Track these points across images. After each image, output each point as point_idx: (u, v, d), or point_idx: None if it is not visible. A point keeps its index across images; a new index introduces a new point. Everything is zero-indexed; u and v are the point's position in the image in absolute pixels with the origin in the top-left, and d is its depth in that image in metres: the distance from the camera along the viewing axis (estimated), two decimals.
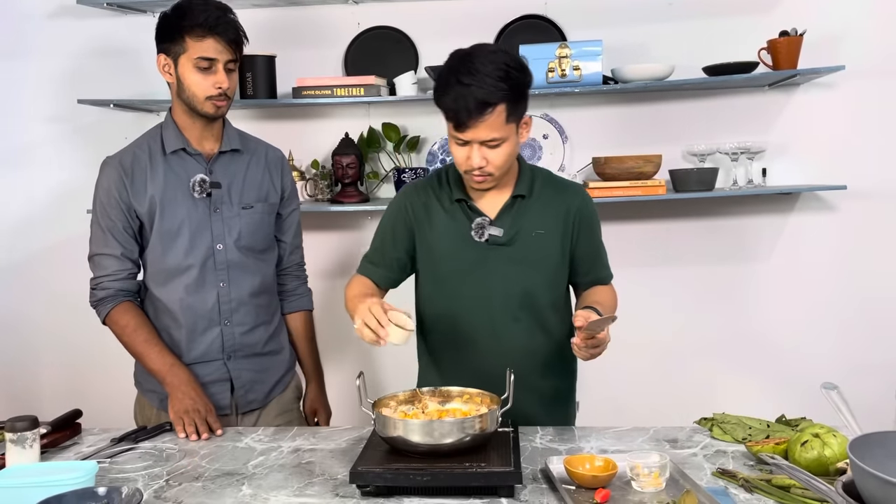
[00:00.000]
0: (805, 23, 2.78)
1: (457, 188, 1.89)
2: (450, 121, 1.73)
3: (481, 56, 1.70)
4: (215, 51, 1.91)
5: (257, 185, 2.08)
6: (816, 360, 2.98)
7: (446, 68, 1.74)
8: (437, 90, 1.74)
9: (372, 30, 3.05)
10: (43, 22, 3.10)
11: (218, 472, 1.61)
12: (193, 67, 1.91)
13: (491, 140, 1.72)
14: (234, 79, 1.98)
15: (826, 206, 2.99)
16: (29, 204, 3.18)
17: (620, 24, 2.96)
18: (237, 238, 2.03)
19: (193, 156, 2.01)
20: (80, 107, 2.93)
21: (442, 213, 1.90)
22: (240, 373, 2.06)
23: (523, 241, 1.87)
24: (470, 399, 1.68)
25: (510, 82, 1.69)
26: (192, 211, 2.00)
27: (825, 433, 1.51)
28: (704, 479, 1.50)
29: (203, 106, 1.94)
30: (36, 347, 3.23)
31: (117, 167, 1.99)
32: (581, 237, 1.91)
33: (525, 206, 1.88)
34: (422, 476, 1.42)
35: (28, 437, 1.58)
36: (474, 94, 1.66)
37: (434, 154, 3.06)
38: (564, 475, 1.48)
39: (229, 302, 2.03)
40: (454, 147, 1.78)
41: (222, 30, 1.91)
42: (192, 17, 1.90)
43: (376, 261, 1.97)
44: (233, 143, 2.06)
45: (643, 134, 2.99)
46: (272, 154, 2.15)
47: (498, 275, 1.87)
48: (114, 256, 1.99)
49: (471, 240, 1.86)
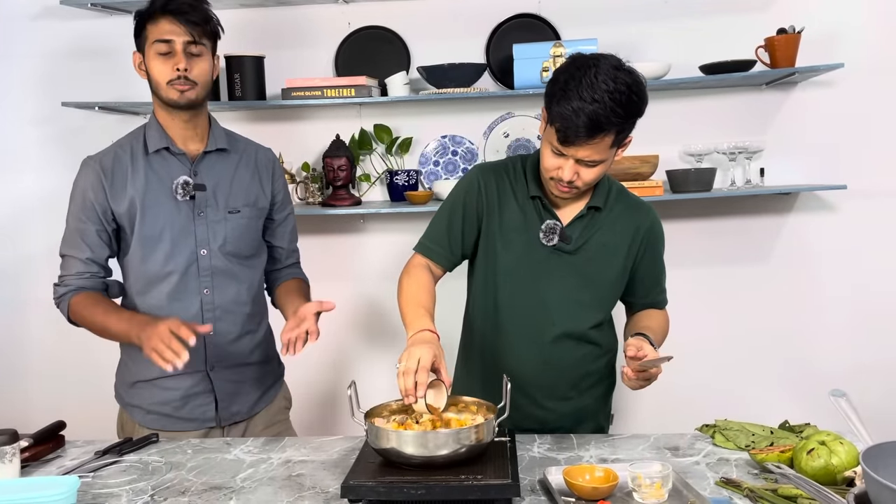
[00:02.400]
0: (803, 20, 2.75)
1: (534, 184, 1.81)
2: (557, 132, 1.62)
3: (605, 71, 1.59)
4: (170, 32, 1.83)
5: (245, 188, 2.00)
6: (817, 363, 2.95)
7: (566, 75, 1.62)
8: (553, 95, 1.62)
9: (363, 30, 3.00)
10: (26, 23, 3.05)
11: (205, 486, 1.56)
12: (155, 54, 1.85)
13: (590, 161, 1.65)
14: (200, 64, 1.88)
15: (825, 205, 2.95)
16: (11, 208, 3.12)
17: (615, 22, 2.92)
18: (222, 244, 1.96)
19: (177, 155, 1.94)
20: (65, 109, 2.87)
21: (514, 205, 1.82)
22: (223, 384, 1.99)
23: (588, 252, 1.81)
24: (465, 408, 1.63)
25: (628, 108, 1.60)
26: (175, 214, 1.92)
27: (832, 441, 1.46)
28: (708, 489, 1.46)
29: (167, 93, 1.86)
30: (19, 356, 3.16)
31: (96, 168, 1.92)
32: (645, 258, 1.88)
33: (597, 219, 1.82)
34: (416, 489, 1.37)
35: (7, 452, 1.52)
36: (589, 115, 1.56)
37: (427, 156, 3.01)
38: (563, 486, 1.44)
39: (213, 310, 1.96)
40: (547, 153, 1.69)
41: (176, 9, 1.84)
42: (152, 4, 1.86)
43: (439, 240, 1.87)
44: (219, 142, 1.99)
45: (640, 134, 2.90)
46: (262, 155, 2.08)
47: (556, 282, 1.81)
48: (79, 259, 1.93)
49: (537, 240, 1.80)
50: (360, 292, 3.08)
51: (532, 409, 1.85)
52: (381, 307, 3.10)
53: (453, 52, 2.89)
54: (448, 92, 2.79)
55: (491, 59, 2.96)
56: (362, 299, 3.09)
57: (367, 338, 3.12)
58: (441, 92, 2.80)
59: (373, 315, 3.11)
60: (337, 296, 3.09)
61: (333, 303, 1.88)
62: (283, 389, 2.16)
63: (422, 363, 1.51)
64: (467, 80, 2.81)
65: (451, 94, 2.79)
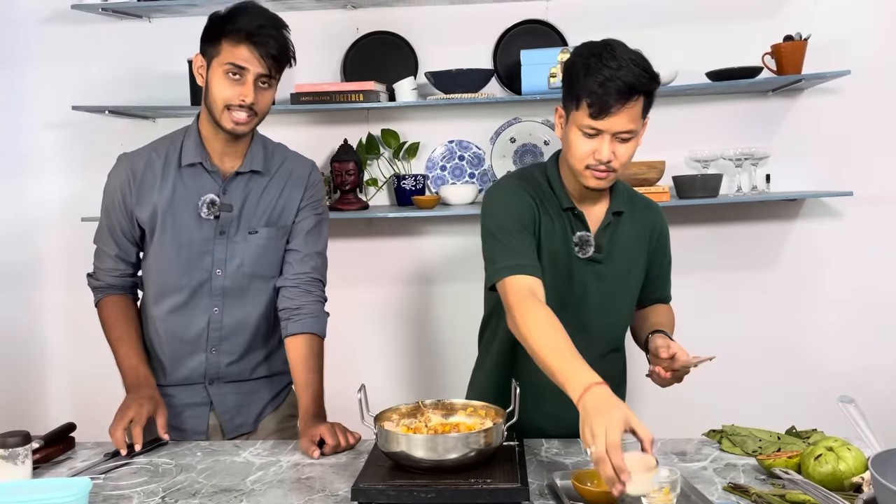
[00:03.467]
0: (809, 27, 2.76)
1: (564, 195, 1.79)
2: (589, 107, 1.61)
3: (619, 46, 1.65)
4: (247, 60, 1.76)
5: (270, 208, 1.92)
6: (824, 369, 2.94)
7: (582, 55, 1.65)
8: (578, 74, 1.63)
9: (371, 35, 3.02)
10: (37, 28, 3.07)
11: (215, 488, 1.57)
12: (222, 74, 1.77)
13: (626, 132, 1.64)
14: (265, 97, 1.81)
15: (831, 212, 2.96)
16: (23, 211, 3.14)
17: (622, 28, 2.90)
18: (239, 265, 1.90)
19: (210, 172, 1.88)
20: (75, 113, 2.89)
21: (549, 219, 1.79)
22: (223, 397, 1.97)
23: (616, 259, 1.82)
24: (474, 412, 1.64)
25: (650, 74, 1.65)
26: (196, 231, 1.88)
27: (839, 446, 1.47)
28: (716, 495, 1.47)
29: (221, 117, 1.79)
30: (31, 356, 3.18)
31: (127, 169, 1.89)
32: (655, 256, 1.90)
33: (620, 224, 1.83)
34: (426, 493, 1.38)
35: (20, 454, 1.53)
36: (623, 78, 1.59)
37: (434, 160, 3.02)
38: (572, 491, 1.44)
39: (220, 329, 1.93)
40: (579, 140, 1.66)
41: (261, 40, 1.75)
42: (234, 21, 1.76)
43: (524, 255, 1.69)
44: (255, 163, 1.90)
45: (646, 140, 2.91)
46: (296, 172, 1.96)
47: (591, 290, 1.81)
48: (109, 255, 1.95)
49: (570, 252, 1.79)
50: (368, 296, 3.09)
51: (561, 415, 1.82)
52: (388, 311, 3.11)
53: (461, 57, 2.91)
54: (455, 97, 2.80)
55: (498, 64, 2.97)
56: (370, 303, 3.10)
57: (374, 342, 3.13)
58: (448, 97, 2.82)
59: (380, 319, 3.12)
60: (344, 300, 3.11)
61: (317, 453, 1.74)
62: (291, 396, 2.11)
63: (610, 440, 1.30)
64: (475, 86, 2.83)
65: (458, 99, 2.80)
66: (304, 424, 1.83)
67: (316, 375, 1.90)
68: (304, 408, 1.86)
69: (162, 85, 3.02)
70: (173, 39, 2.99)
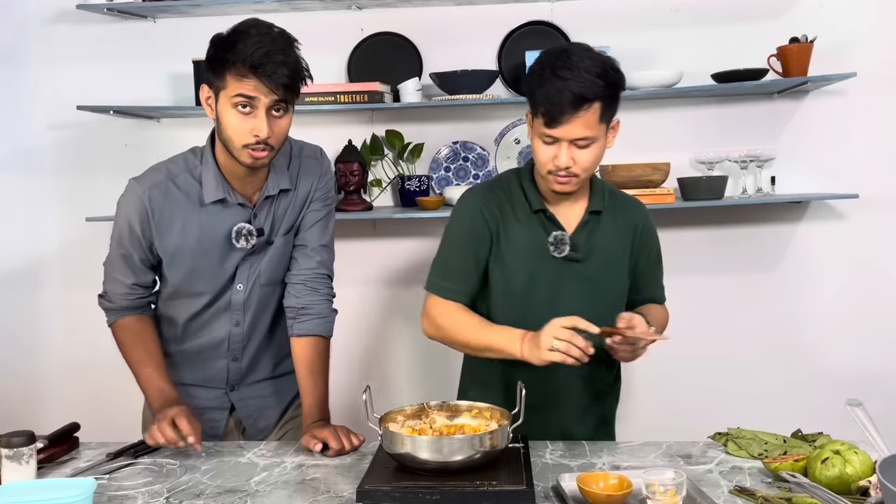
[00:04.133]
0: (815, 29, 2.75)
1: (535, 196, 1.81)
2: (542, 116, 1.66)
3: (578, 52, 1.67)
4: (256, 90, 1.62)
5: (291, 218, 1.87)
6: (829, 372, 2.93)
7: (540, 63, 1.69)
8: (531, 85, 1.69)
9: (375, 36, 3.02)
10: (42, 27, 3.06)
11: (220, 489, 1.56)
12: (231, 107, 1.65)
13: (582, 139, 1.66)
14: (280, 125, 1.68)
15: (836, 214, 2.95)
16: (26, 211, 3.14)
17: (627, 30, 2.93)
18: (257, 276, 1.87)
19: (237, 205, 1.80)
20: (80, 113, 2.89)
21: (516, 223, 1.81)
22: (245, 402, 1.96)
23: (596, 259, 1.82)
24: (479, 414, 1.64)
25: (607, 80, 1.66)
26: (228, 259, 1.82)
27: (846, 450, 1.46)
28: (722, 498, 1.46)
29: (239, 154, 1.68)
30: (33, 358, 3.18)
31: (144, 200, 1.76)
32: (640, 254, 1.89)
33: (599, 223, 1.83)
34: (431, 495, 1.38)
35: (25, 453, 1.53)
36: (571, 88, 1.62)
37: (438, 161, 3.02)
38: (577, 494, 1.44)
39: (241, 340, 1.91)
40: (540, 146, 1.71)
41: (269, 70, 1.61)
42: (237, 51, 1.61)
43: (457, 279, 1.83)
44: (282, 181, 1.82)
45: (651, 141, 2.96)
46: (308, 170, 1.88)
47: (569, 292, 1.81)
48: (123, 283, 1.85)
49: (546, 254, 1.80)
50: (371, 297, 3.09)
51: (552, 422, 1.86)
52: (391, 312, 3.10)
53: (466, 58, 2.91)
54: (460, 98, 2.80)
55: (503, 65, 2.97)
56: (373, 304, 3.09)
57: (378, 343, 3.12)
58: (453, 98, 2.81)
59: (384, 320, 3.11)
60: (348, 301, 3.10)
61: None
62: None
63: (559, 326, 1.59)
64: (479, 87, 2.83)
65: (463, 100, 2.80)
66: (308, 427, 1.82)
67: (321, 379, 1.88)
68: (307, 412, 1.85)
69: (167, 85, 3.02)
70: (178, 40, 2.99)
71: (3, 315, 3.16)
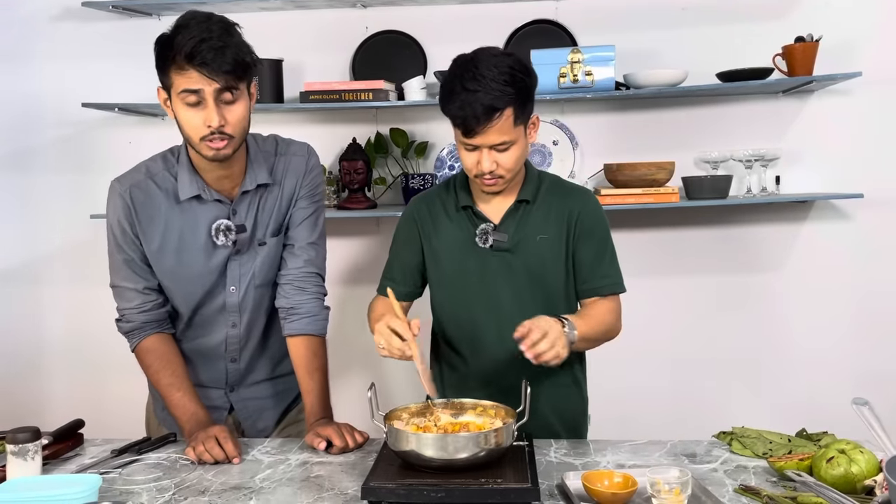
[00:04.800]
0: (821, 29, 2.75)
1: (463, 194, 1.87)
2: (457, 127, 1.72)
3: (485, 61, 1.68)
4: (199, 81, 1.60)
5: (277, 215, 1.85)
6: (833, 372, 2.93)
7: (450, 75, 1.73)
8: (443, 98, 1.73)
9: (380, 34, 3.02)
10: (48, 24, 3.07)
11: (224, 486, 1.56)
12: (182, 104, 1.64)
13: (500, 144, 1.70)
14: (234, 112, 1.65)
15: (841, 214, 2.94)
16: (30, 208, 3.15)
17: (633, 29, 2.93)
18: (251, 277, 1.86)
19: (213, 200, 1.79)
20: (85, 110, 2.90)
21: (447, 221, 1.88)
22: (245, 403, 1.96)
23: (527, 246, 1.83)
24: (484, 412, 1.64)
25: (516, 86, 1.67)
26: (212, 258, 1.81)
27: (851, 449, 1.46)
28: (727, 496, 1.46)
29: (200, 149, 1.67)
30: (37, 355, 3.18)
31: (126, 198, 1.78)
32: (579, 242, 1.85)
33: (529, 212, 1.84)
34: (436, 492, 1.38)
35: (30, 450, 1.53)
36: (481, 101, 1.65)
37: (442, 159, 3.02)
38: (582, 492, 1.44)
39: (238, 341, 1.91)
40: (463, 153, 1.76)
41: (207, 58, 1.58)
42: (174, 46, 1.60)
43: (394, 276, 1.95)
44: (260, 176, 1.80)
45: (656, 140, 2.96)
46: (293, 167, 1.86)
47: (503, 281, 1.84)
48: (135, 290, 1.82)
49: (475, 246, 1.84)
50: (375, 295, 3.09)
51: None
52: None
53: None
54: None
55: None
56: None
57: None
58: None
59: None
60: (353, 299, 3.11)
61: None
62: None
63: (393, 325, 1.63)
64: None
65: None
66: (311, 425, 1.82)
67: (319, 376, 1.87)
68: (310, 410, 1.85)
69: None
70: None
71: (8, 312, 3.16)
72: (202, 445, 1.67)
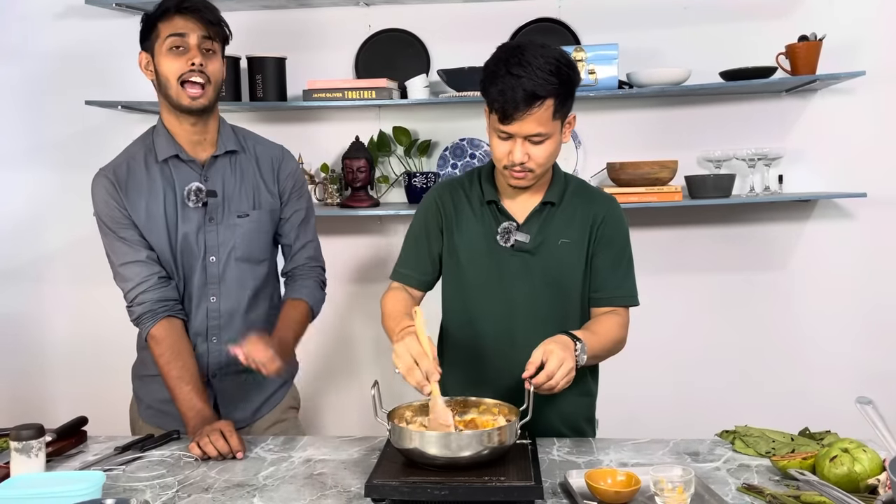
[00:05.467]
0: (824, 27, 2.75)
1: (489, 188, 1.84)
2: (495, 112, 1.67)
3: (532, 49, 1.66)
4: (185, 27, 1.81)
5: (252, 189, 1.95)
6: (836, 371, 2.94)
7: (495, 59, 1.69)
8: (485, 80, 1.69)
9: (383, 32, 3.02)
10: (51, 22, 3.08)
11: (228, 483, 1.57)
12: (166, 51, 1.82)
13: (536, 135, 1.67)
14: (213, 62, 1.85)
15: (844, 213, 2.94)
16: (36, 206, 3.15)
17: (635, 27, 2.92)
18: (232, 249, 1.92)
19: (187, 162, 1.90)
20: (88, 108, 2.90)
21: (470, 214, 1.85)
22: (225, 391, 1.97)
23: (548, 249, 1.81)
24: (487, 410, 1.64)
25: (561, 77, 1.65)
26: (186, 222, 1.89)
27: (855, 448, 1.46)
28: (730, 495, 1.46)
29: (178, 95, 1.82)
30: (40, 353, 3.19)
31: (111, 178, 1.89)
32: (599, 248, 1.83)
33: (553, 214, 1.82)
34: (440, 490, 1.38)
35: (34, 446, 1.53)
36: (524, 86, 1.62)
37: (445, 158, 3.02)
38: (585, 490, 1.44)
39: (218, 318, 1.94)
40: (496, 141, 1.72)
41: (192, 5, 1.83)
42: (162, 4, 1.84)
43: (410, 264, 1.92)
44: (228, 144, 1.94)
45: (659, 139, 2.95)
46: (266, 154, 2.00)
47: (521, 283, 1.81)
48: (139, 262, 1.87)
49: (496, 244, 1.81)
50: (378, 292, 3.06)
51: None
52: None
53: (473, 55, 2.87)
54: (467, 95, 2.80)
55: None
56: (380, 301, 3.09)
57: (384, 339, 3.12)
58: (460, 95, 2.81)
59: None
60: (356, 297, 3.12)
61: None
62: (292, 390, 2.13)
63: (414, 352, 1.54)
64: None
65: (470, 97, 2.80)
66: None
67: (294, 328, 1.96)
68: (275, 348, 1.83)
69: None
70: None
71: (11, 310, 3.17)
72: (206, 437, 1.70)
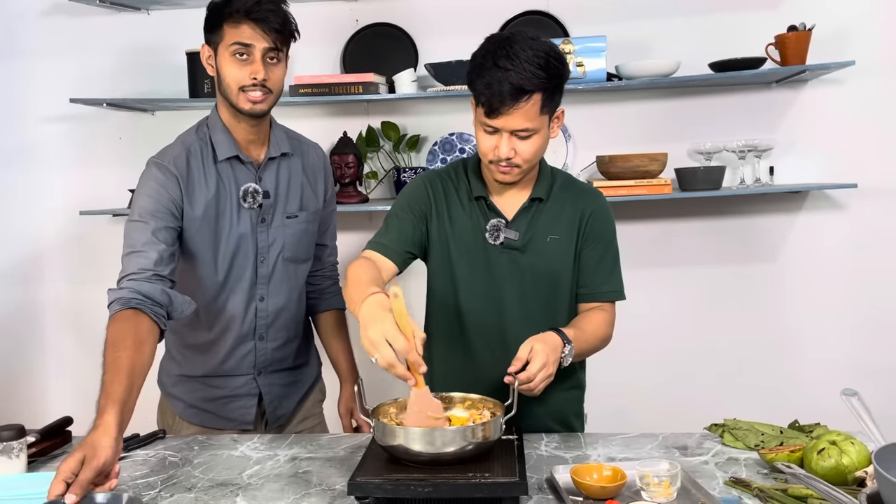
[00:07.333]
0: (814, 17, 2.73)
1: (476, 183, 1.81)
2: (481, 106, 1.63)
3: (521, 41, 1.62)
4: (251, 37, 1.77)
5: (301, 191, 1.97)
6: (827, 363, 2.93)
7: (482, 51, 1.65)
8: (472, 73, 1.65)
9: (370, 27, 3.00)
10: (36, 20, 3.06)
11: (211, 482, 1.55)
12: (230, 56, 1.78)
13: (522, 130, 1.64)
14: (276, 73, 1.82)
15: (835, 204, 2.93)
16: (21, 207, 3.13)
17: (624, 19, 2.91)
18: (281, 250, 1.93)
19: (245, 164, 1.89)
20: (73, 106, 2.88)
21: (459, 208, 1.82)
22: (270, 388, 2.00)
23: (537, 246, 1.79)
24: (472, 405, 1.62)
25: (549, 71, 1.62)
26: (240, 222, 1.88)
27: (842, 440, 1.45)
28: (717, 489, 1.45)
29: (237, 100, 1.80)
30: (28, 354, 3.17)
31: (172, 170, 1.81)
32: (586, 243, 1.82)
33: (541, 210, 1.80)
34: (423, 487, 1.36)
35: (14, 447, 1.52)
36: (511, 79, 1.58)
37: (434, 153, 3.01)
38: (571, 485, 1.43)
39: (266, 317, 1.95)
40: (482, 135, 1.69)
41: (260, 15, 1.77)
42: (232, 3, 1.78)
43: (392, 236, 1.80)
44: (282, 146, 1.93)
45: (648, 132, 2.94)
46: (314, 154, 2.03)
47: (510, 280, 1.79)
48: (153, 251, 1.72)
49: (484, 240, 1.79)
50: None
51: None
52: None
53: (461, 49, 2.83)
54: (456, 89, 2.78)
55: None
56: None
57: None
58: (449, 89, 2.79)
59: None
60: None
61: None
62: (319, 383, 2.20)
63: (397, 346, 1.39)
64: None
65: (458, 91, 2.78)
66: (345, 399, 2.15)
67: (346, 338, 2.18)
68: (345, 375, 2.17)
69: (160, 77, 3.01)
70: (172, 32, 2.98)
71: (10, 310, 3.15)
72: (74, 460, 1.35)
